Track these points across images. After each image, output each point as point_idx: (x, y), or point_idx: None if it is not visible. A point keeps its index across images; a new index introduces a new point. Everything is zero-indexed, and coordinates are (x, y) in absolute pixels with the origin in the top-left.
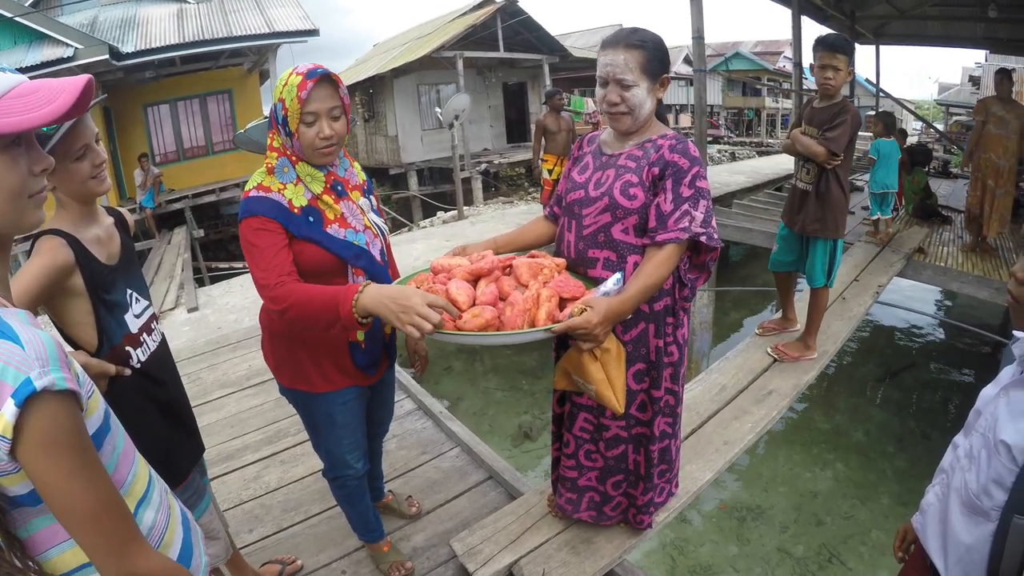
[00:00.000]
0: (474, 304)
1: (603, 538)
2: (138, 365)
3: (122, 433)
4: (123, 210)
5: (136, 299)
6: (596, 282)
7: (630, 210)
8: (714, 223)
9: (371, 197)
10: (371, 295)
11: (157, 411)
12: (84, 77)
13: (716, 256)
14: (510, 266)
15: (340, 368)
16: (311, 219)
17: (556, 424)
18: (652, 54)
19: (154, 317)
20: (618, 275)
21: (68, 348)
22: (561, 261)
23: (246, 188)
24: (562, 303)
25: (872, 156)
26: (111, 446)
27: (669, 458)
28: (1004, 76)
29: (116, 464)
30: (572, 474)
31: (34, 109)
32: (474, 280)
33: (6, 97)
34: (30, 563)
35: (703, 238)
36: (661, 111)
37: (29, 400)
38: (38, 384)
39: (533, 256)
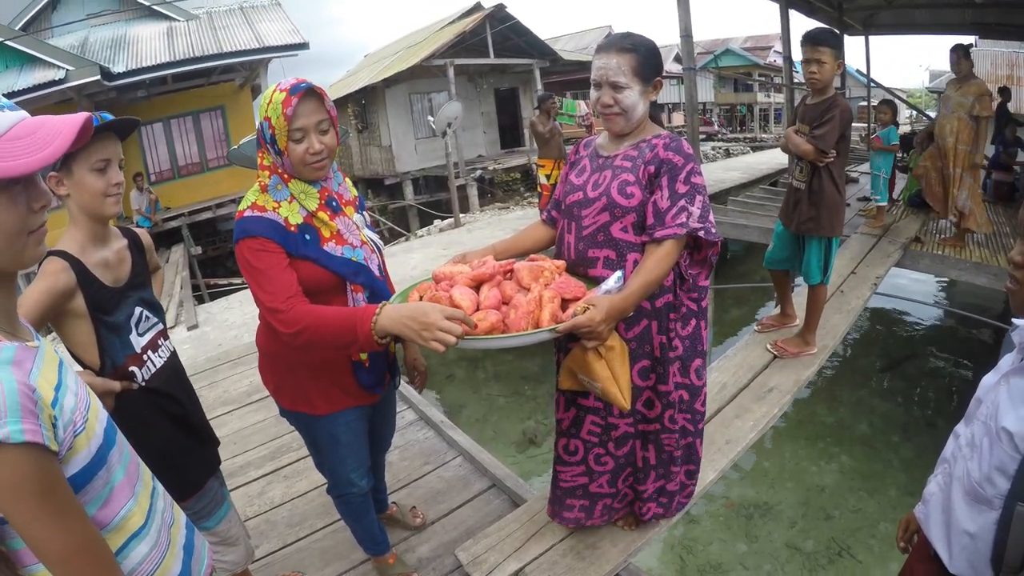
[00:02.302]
0: (478, 309)
1: (608, 542)
2: (143, 383)
3: (124, 465)
4: (141, 231)
5: (146, 316)
6: (597, 282)
7: (628, 208)
8: (712, 217)
9: (364, 213)
10: (389, 316)
11: (167, 424)
12: (82, 116)
13: (717, 251)
14: (511, 270)
15: (343, 388)
16: (307, 237)
17: (563, 436)
18: (644, 58)
19: (162, 334)
20: (618, 273)
21: (77, 368)
22: (561, 263)
23: (240, 208)
24: (564, 304)
25: (894, 142)
26: (103, 480)
27: (696, 457)
28: (956, 53)
29: (107, 498)
30: (583, 480)
31: (31, 153)
32: (476, 286)
33: (3, 139)
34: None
35: (701, 232)
36: (654, 112)
37: None
38: None
39: (533, 260)
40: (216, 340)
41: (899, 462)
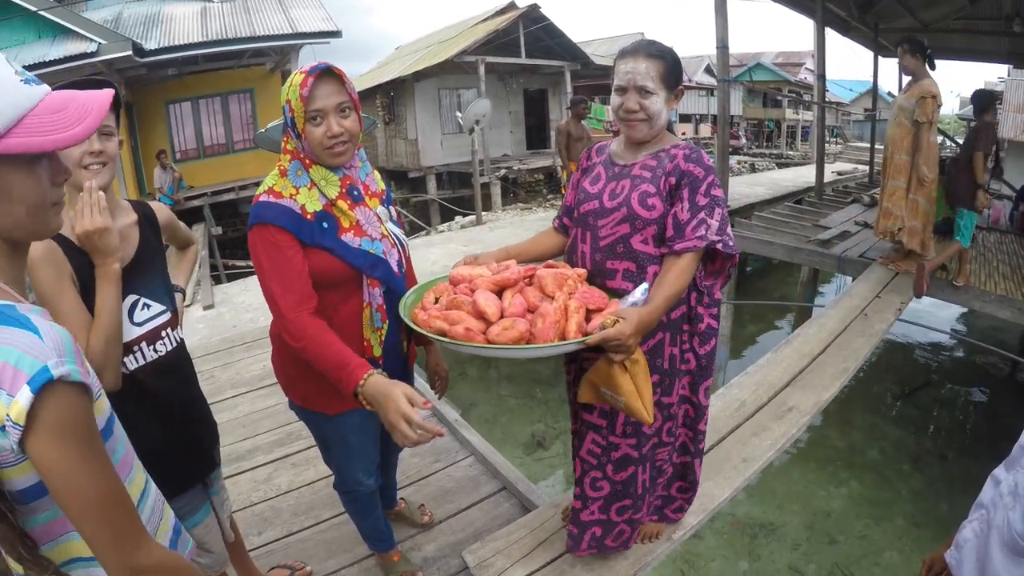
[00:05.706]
0: (503, 315)
1: (619, 554)
2: (125, 371)
3: (124, 441)
4: (155, 204)
5: (146, 305)
6: (615, 293)
7: (649, 220)
8: (729, 230)
9: (390, 207)
10: (374, 387)
11: (145, 422)
12: (108, 93)
13: (735, 262)
14: (531, 276)
15: None
16: (325, 225)
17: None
18: (670, 65)
19: (168, 324)
20: (644, 285)
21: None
22: (583, 272)
23: (257, 192)
24: (587, 314)
25: None
26: (111, 450)
27: (692, 476)
28: (901, 48)
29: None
30: (576, 504)
31: (65, 128)
32: (498, 291)
33: (34, 113)
34: (39, 556)
35: (719, 245)
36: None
37: (45, 388)
38: (55, 372)
39: (551, 266)
40: (231, 322)
41: (908, 492)
